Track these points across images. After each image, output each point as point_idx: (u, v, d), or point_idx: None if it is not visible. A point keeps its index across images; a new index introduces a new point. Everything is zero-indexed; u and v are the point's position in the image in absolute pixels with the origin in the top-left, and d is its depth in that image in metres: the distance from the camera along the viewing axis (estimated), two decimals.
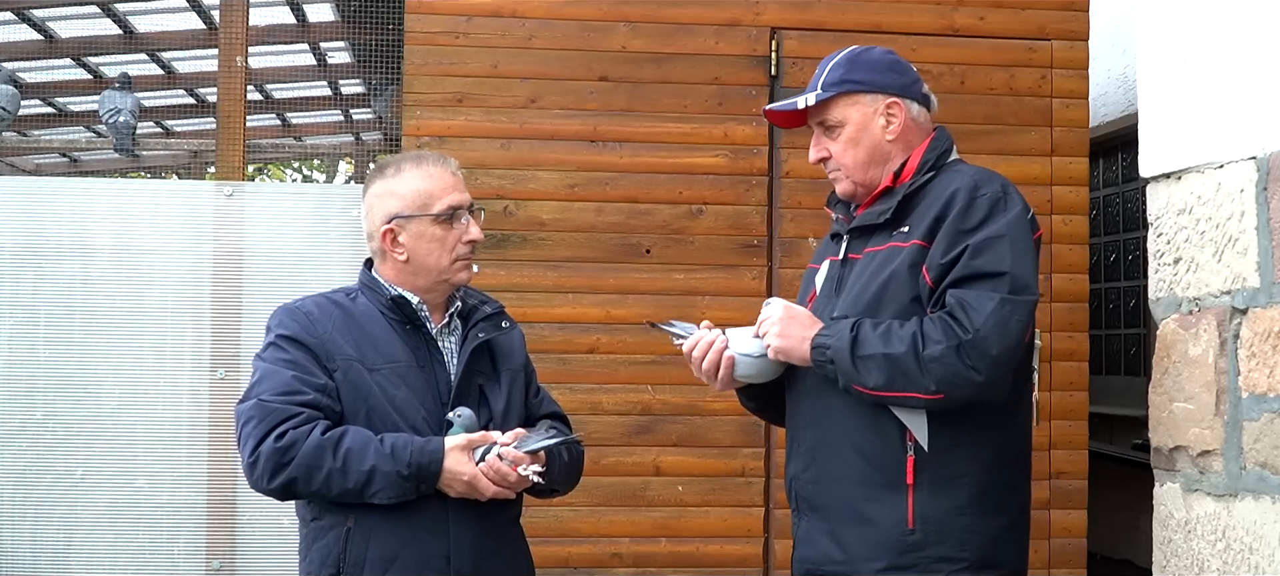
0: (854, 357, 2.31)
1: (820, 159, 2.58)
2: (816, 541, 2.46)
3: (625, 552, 4.21)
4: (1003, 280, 2.30)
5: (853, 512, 2.40)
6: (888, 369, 2.29)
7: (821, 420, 2.46)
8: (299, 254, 4.36)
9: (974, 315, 2.26)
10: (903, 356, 2.28)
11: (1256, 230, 2.06)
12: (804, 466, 2.50)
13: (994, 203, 2.37)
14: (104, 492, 4.24)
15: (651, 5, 4.31)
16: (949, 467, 2.35)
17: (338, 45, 6.25)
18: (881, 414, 2.36)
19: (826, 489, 2.44)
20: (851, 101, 2.52)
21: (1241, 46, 2.12)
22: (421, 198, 2.51)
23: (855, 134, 2.52)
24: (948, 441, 2.35)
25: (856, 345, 2.32)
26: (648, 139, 4.28)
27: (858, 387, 2.32)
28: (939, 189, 2.44)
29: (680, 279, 4.25)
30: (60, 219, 4.33)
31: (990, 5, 4.41)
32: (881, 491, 2.37)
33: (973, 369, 2.26)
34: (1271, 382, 2.00)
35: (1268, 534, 2.00)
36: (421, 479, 2.37)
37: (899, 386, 2.29)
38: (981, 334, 2.25)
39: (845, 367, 2.32)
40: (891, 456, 2.37)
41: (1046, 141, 4.41)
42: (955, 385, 2.27)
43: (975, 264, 2.31)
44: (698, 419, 4.25)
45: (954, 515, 2.35)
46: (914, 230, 2.41)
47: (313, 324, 2.47)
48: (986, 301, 2.27)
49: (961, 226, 2.34)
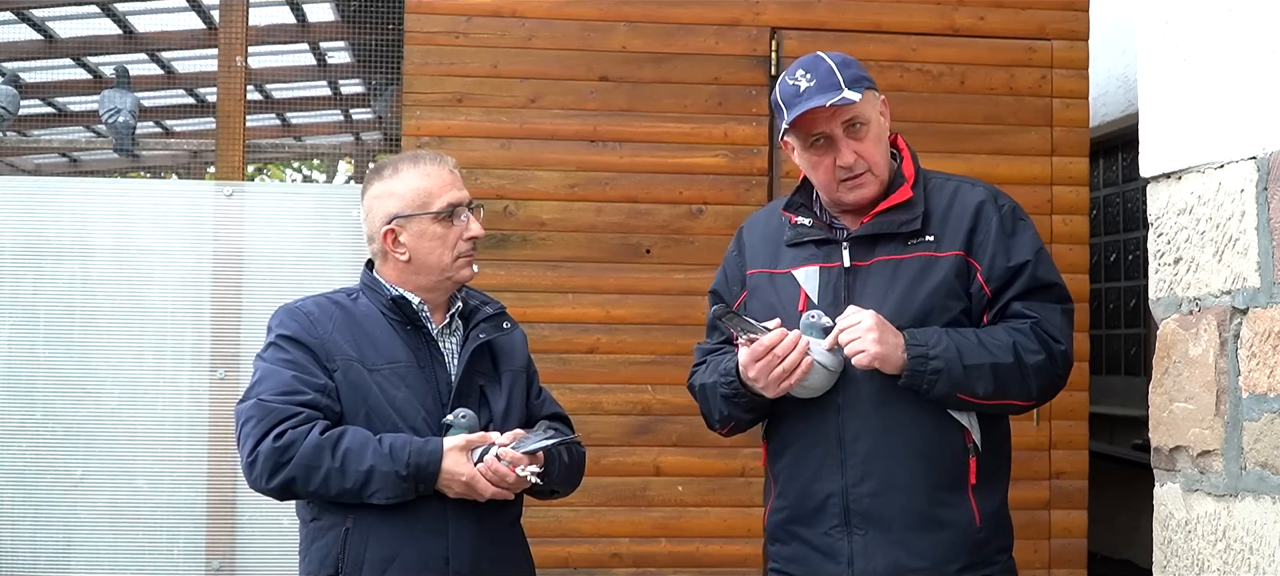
0: (965, 368, 2.34)
1: (851, 162, 2.45)
2: (883, 553, 2.40)
3: (625, 553, 4.21)
4: (1056, 290, 2.47)
5: (924, 519, 2.40)
6: (995, 378, 2.35)
7: (880, 432, 2.41)
8: (299, 254, 4.36)
9: (1052, 326, 2.42)
10: (1010, 367, 2.36)
11: (1257, 230, 2.06)
12: (857, 480, 2.41)
13: (1013, 211, 2.49)
14: (104, 492, 4.24)
15: (651, 5, 4.31)
16: (995, 462, 2.48)
17: (338, 45, 6.24)
18: (944, 420, 2.41)
19: (891, 500, 2.40)
20: (871, 98, 2.48)
21: (1241, 46, 2.12)
22: (420, 196, 2.51)
23: (877, 132, 2.48)
24: (992, 441, 2.47)
25: (963, 355, 2.34)
26: (648, 139, 4.28)
27: (962, 396, 2.36)
28: (947, 198, 2.48)
29: (680, 279, 4.25)
30: (60, 219, 4.33)
31: (990, 5, 4.41)
32: (947, 494, 2.41)
33: (1060, 376, 2.44)
34: (1272, 382, 2.00)
35: (1268, 534, 2.00)
36: (420, 479, 2.37)
37: (1001, 395, 2.37)
38: (1064, 345, 2.43)
39: (955, 376, 2.34)
40: (955, 459, 2.42)
41: (1046, 141, 4.41)
42: (1049, 391, 2.45)
43: (1037, 276, 2.43)
44: (698, 419, 4.20)
45: (1000, 509, 2.49)
46: (945, 240, 2.42)
47: (313, 324, 2.47)
48: (1054, 313, 2.44)
49: (1007, 239, 2.44)
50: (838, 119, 2.44)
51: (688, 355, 4.28)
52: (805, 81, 2.44)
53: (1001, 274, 2.42)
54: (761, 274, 2.57)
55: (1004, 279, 2.42)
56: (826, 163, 2.48)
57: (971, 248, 2.42)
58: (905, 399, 2.38)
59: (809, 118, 2.45)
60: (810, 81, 2.44)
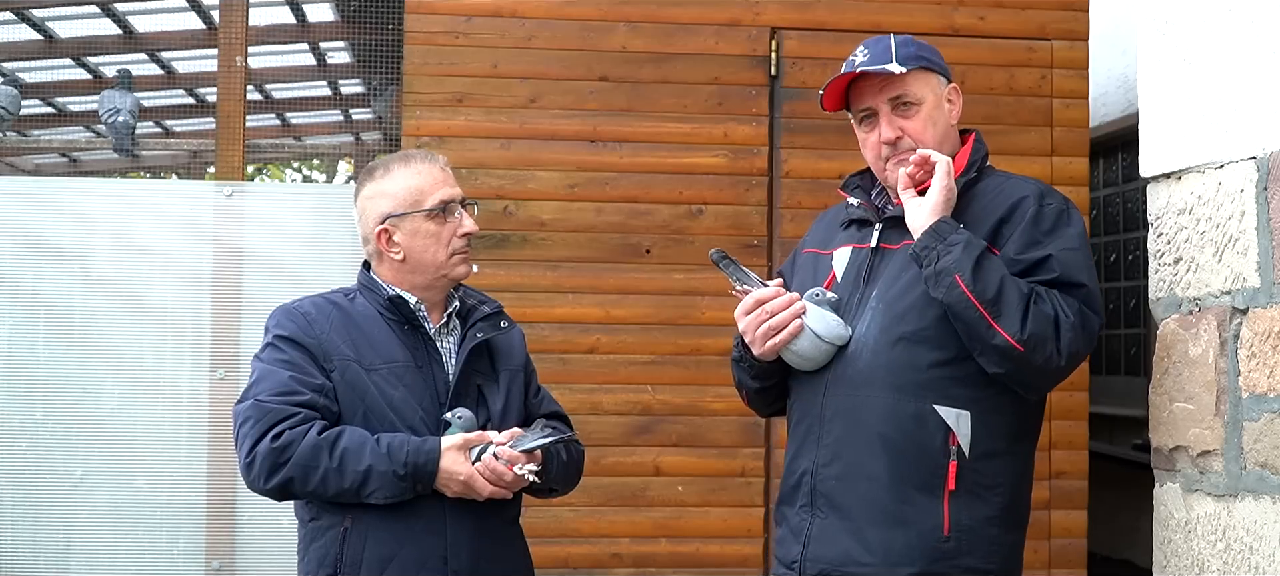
0: (979, 261, 2.21)
1: (895, 138, 2.42)
2: (835, 541, 2.34)
3: (625, 553, 4.21)
4: (1082, 292, 2.29)
5: (883, 513, 2.30)
6: (1000, 289, 2.20)
7: (855, 414, 2.34)
8: (299, 254, 4.36)
9: (1069, 310, 2.25)
10: (1017, 291, 2.21)
11: (1256, 230, 2.06)
12: (826, 460, 2.36)
13: (1060, 214, 2.35)
14: (104, 492, 4.23)
15: (651, 5, 4.31)
16: (985, 477, 2.32)
17: (338, 45, 6.24)
18: (925, 414, 2.29)
19: (853, 486, 2.33)
20: (927, 79, 2.44)
21: (1241, 46, 2.12)
22: (412, 194, 2.51)
23: (932, 112, 2.43)
24: (986, 450, 2.32)
25: (986, 255, 2.24)
26: (648, 139, 4.28)
27: (959, 281, 2.21)
28: (992, 193, 2.39)
29: (680, 279, 4.25)
30: (60, 219, 4.32)
31: (990, 5, 4.40)
32: (916, 493, 2.29)
33: (1059, 347, 2.22)
34: (1272, 382, 2.00)
35: (1268, 534, 2.00)
36: (418, 479, 2.37)
37: (995, 311, 2.20)
38: (1074, 325, 2.24)
39: (965, 261, 2.21)
40: (932, 459, 2.29)
41: (1046, 141, 4.41)
42: (1040, 349, 2.21)
43: (1060, 270, 2.28)
44: (698, 419, 4.25)
45: (985, 526, 2.31)
46: (973, 230, 2.32)
47: (310, 324, 2.47)
48: (1072, 303, 2.27)
49: (1036, 233, 2.31)
50: (885, 94, 2.43)
51: (688, 355, 4.33)
52: (861, 56, 2.44)
53: (1015, 263, 2.29)
54: (811, 254, 2.57)
55: (1017, 268, 2.29)
56: (873, 139, 2.47)
57: (998, 238, 2.33)
58: (889, 386, 2.31)
59: (857, 91, 2.46)
60: (865, 55, 2.44)
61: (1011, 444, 2.36)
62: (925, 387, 2.31)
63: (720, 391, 4.20)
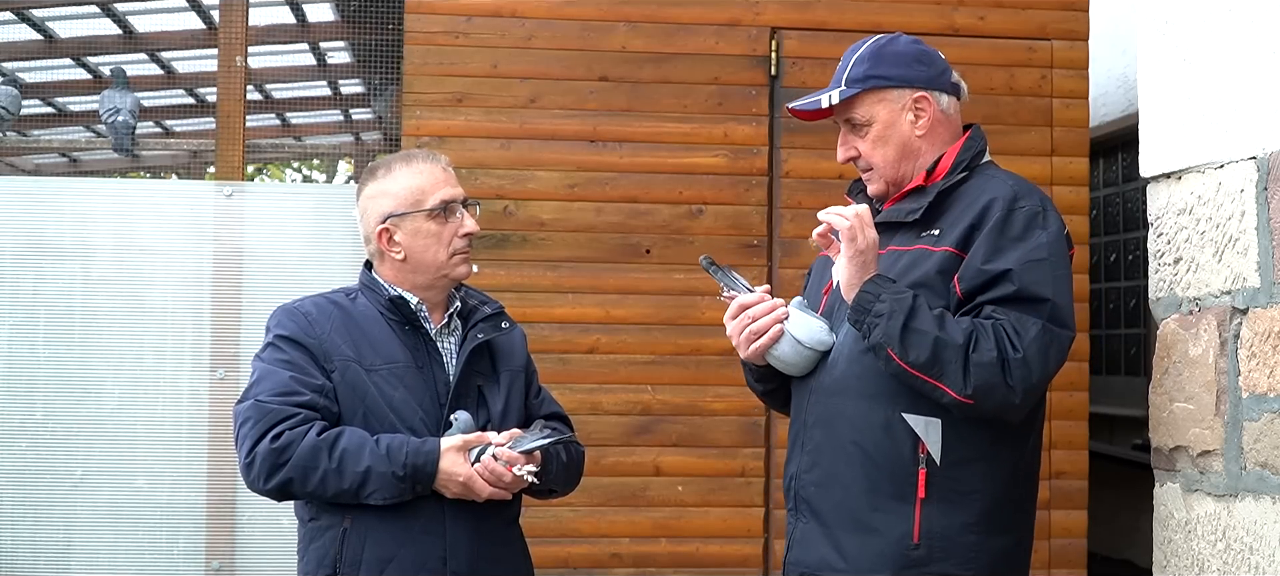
0: (907, 325, 2.19)
1: (849, 158, 2.46)
2: (813, 545, 2.38)
3: (625, 553, 4.21)
4: (1044, 307, 2.24)
5: (855, 520, 2.32)
6: (933, 351, 2.18)
7: (831, 422, 2.37)
8: (299, 254, 4.36)
9: (1022, 337, 2.20)
10: (953, 347, 2.18)
11: (1256, 230, 2.06)
12: (807, 466, 2.40)
13: (1032, 217, 2.30)
14: (104, 492, 4.23)
15: (651, 5, 4.31)
16: (960, 483, 2.29)
17: (338, 45, 6.24)
18: (896, 422, 2.29)
19: (829, 493, 2.36)
20: (878, 98, 2.42)
21: (1241, 46, 2.12)
22: (414, 194, 2.51)
23: (882, 132, 2.42)
24: (961, 456, 2.29)
25: (913, 315, 2.20)
26: (648, 139, 4.28)
27: (892, 355, 2.20)
28: (973, 193, 2.36)
29: (680, 279, 4.25)
30: (60, 219, 4.33)
31: (990, 5, 4.41)
32: (888, 501, 2.29)
33: (1011, 388, 2.20)
34: (1272, 382, 2.00)
35: (1268, 534, 2.00)
36: (417, 480, 2.37)
37: (936, 374, 2.19)
38: (1026, 358, 2.19)
39: (892, 331, 2.19)
40: (902, 467, 2.29)
41: (1046, 141, 4.41)
42: (990, 397, 2.19)
43: (1018, 286, 2.23)
44: (698, 419, 4.25)
45: (961, 532, 2.29)
46: (945, 235, 2.32)
47: (311, 324, 2.47)
48: (1030, 327, 2.21)
49: (1000, 241, 2.26)
50: (839, 114, 2.47)
51: (688, 355, 4.33)
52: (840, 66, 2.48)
53: (975, 275, 2.26)
54: (823, 258, 2.58)
55: (977, 281, 2.26)
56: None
57: (968, 244, 2.30)
58: (860, 394, 2.32)
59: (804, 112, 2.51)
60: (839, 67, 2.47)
61: (991, 450, 2.32)
62: (894, 396, 2.30)
63: (720, 391, 4.20)
